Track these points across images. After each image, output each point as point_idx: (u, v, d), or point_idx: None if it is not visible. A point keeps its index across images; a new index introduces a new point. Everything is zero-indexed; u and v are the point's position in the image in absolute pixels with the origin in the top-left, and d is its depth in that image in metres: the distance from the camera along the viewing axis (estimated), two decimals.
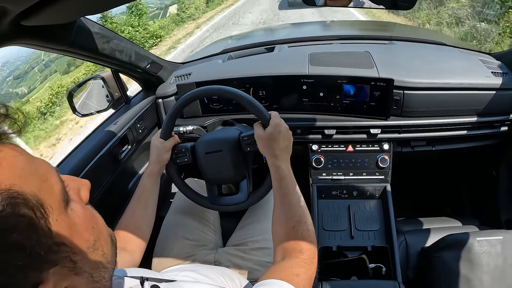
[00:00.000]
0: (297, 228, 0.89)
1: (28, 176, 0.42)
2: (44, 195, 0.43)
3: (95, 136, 1.43)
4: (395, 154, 1.58)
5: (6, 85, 27.10)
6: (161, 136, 1.20)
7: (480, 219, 1.67)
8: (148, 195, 1.15)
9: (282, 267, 0.81)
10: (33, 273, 0.41)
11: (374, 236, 1.45)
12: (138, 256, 1.05)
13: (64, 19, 1.00)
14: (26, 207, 0.40)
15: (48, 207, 0.43)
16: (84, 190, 0.56)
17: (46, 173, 0.46)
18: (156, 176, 1.18)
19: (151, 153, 1.19)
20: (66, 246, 0.45)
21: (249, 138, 1.14)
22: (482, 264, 1.20)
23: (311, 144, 1.60)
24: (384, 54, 1.67)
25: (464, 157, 1.89)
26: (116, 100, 1.61)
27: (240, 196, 1.23)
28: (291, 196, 0.94)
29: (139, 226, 1.09)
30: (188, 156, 1.22)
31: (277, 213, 0.94)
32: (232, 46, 2.06)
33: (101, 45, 1.25)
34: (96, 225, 0.53)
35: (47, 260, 0.42)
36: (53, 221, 0.43)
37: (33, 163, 0.45)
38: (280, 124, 1.03)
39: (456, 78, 1.43)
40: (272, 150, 1.00)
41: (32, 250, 0.39)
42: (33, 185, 0.42)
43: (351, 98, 1.49)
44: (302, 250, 0.85)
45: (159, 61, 1.69)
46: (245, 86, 1.57)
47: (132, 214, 1.11)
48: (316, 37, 2.05)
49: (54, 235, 0.43)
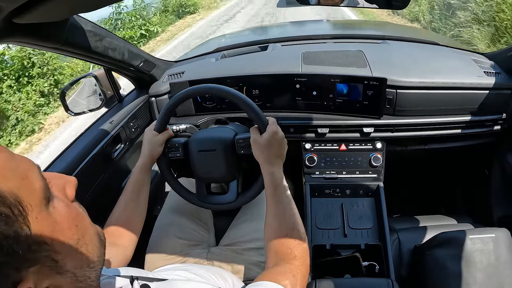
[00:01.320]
0: (290, 235, 0.90)
1: (7, 174, 0.42)
2: (23, 193, 0.42)
3: (88, 135, 1.42)
4: (388, 153, 1.58)
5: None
6: (155, 128, 1.19)
7: (473, 217, 1.68)
8: (140, 189, 1.14)
9: (275, 272, 0.82)
10: (11, 271, 0.40)
11: (367, 234, 1.45)
12: (130, 251, 1.05)
13: (56, 17, 0.99)
14: (3, 205, 0.39)
15: (27, 204, 0.42)
16: (70, 187, 0.55)
17: (26, 171, 0.45)
18: (148, 169, 1.17)
19: (144, 146, 1.19)
20: (47, 244, 0.44)
21: (244, 141, 1.14)
22: (475, 262, 1.21)
23: (304, 142, 1.60)
24: (377, 53, 1.67)
25: (457, 156, 1.90)
26: (109, 99, 1.59)
27: (229, 196, 1.22)
28: (284, 203, 0.95)
29: (131, 220, 1.09)
30: (180, 152, 1.21)
31: (270, 220, 0.95)
32: (226, 45, 2.06)
33: (94, 43, 1.24)
34: (80, 223, 0.52)
35: (26, 259, 0.41)
36: (33, 219, 0.43)
37: (13, 160, 0.44)
38: (277, 131, 1.03)
39: (449, 78, 1.44)
40: (266, 156, 1.01)
41: (9, 248, 0.39)
42: (12, 183, 0.41)
43: (344, 97, 1.49)
44: (295, 256, 0.86)
45: (152, 60, 1.68)
46: (239, 84, 1.56)
47: (124, 208, 1.10)
48: (310, 36, 2.05)
49: (33, 234, 0.42)
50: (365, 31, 2.57)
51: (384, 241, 1.40)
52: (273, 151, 1.01)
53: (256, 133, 1.04)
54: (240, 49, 1.98)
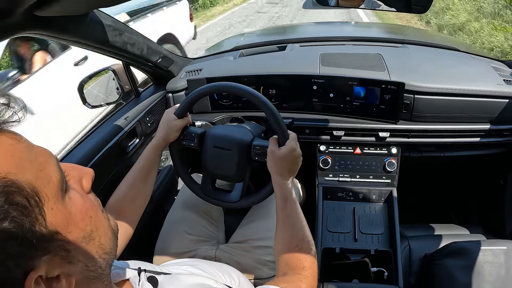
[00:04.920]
0: (300, 246, 0.90)
1: (25, 165, 0.43)
2: (40, 184, 0.43)
3: (104, 128, 1.44)
4: (403, 159, 1.57)
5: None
6: (176, 113, 1.17)
7: (485, 228, 1.65)
8: (150, 168, 1.13)
9: (284, 280, 0.84)
10: (24, 260, 0.41)
11: (378, 240, 1.44)
12: (130, 230, 1.04)
13: (77, 10, 1.01)
14: (20, 195, 0.40)
15: (43, 195, 0.43)
16: (87, 179, 0.56)
17: (45, 162, 0.46)
18: (160, 150, 1.16)
19: (161, 127, 1.17)
20: (61, 234, 0.45)
21: (261, 149, 1.13)
22: (484, 274, 1.19)
23: (319, 144, 1.60)
24: (396, 57, 1.66)
25: (472, 164, 1.87)
26: (126, 93, 1.61)
27: (233, 195, 1.22)
28: (294, 216, 0.96)
29: (136, 198, 1.09)
30: (195, 142, 1.20)
31: (280, 231, 0.95)
32: (244, 44, 2.06)
33: (113, 38, 1.25)
34: (94, 215, 0.53)
35: (40, 248, 0.42)
36: (48, 209, 0.44)
37: (32, 151, 0.45)
38: (296, 148, 1.02)
39: (467, 84, 1.42)
40: (280, 169, 1.00)
41: (24, 238, 0.40)
42: (30, 174, 0.42)
43: (361, 100, 1.49)
44: (304, 267, 0.87)
45: (170, 56, 1.69)
46: (256, 84, 1.57)
47: (131, 184, 1.09)
48: (329, 38, 2.04)
49: (48, 224, 0.43)
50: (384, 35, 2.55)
51: (394, 248, 1.39)
52: (287, 166, 1.00)
53: (274, 145, 1.04)
54: (258, 48, 1.98)
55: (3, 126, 0.43)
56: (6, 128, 0.44)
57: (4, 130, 0.43)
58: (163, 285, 0.72)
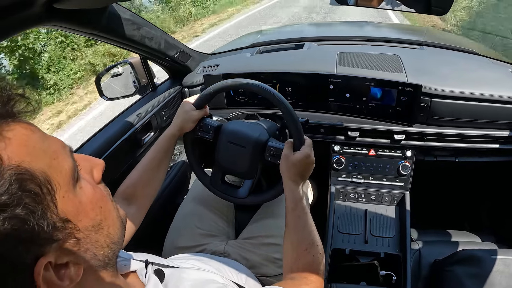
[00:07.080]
0: (309, 250, 0.90)
1: (39, 154, 0.44)
2: (53, 172, 0.45)
3: (120, 120, 1.45)
4: (417, 162, 1.55)
5: None
6: (195, 103, 1.17)
7: (497, 237, 1.62)
8: (163, 156, 1.13)
9: (292, 283, 0.85)
10: (35, 246, 0.42)
11: (388, 243, 1.43)
12: (139, 219, 1.04)
13: (95, 3, 1.02)
14: (33, 183, 0.41)
15: (56, 183, 0.45)
16: (97, 170, 0.57)
17: (57, 151, 0.47)
18: (175, 139, 1.16)
19: (178, 116, 1.17)
20: (71, 223, 0.46)
21: (276, 151, 1.13)
22: (494, 283, 1.17)
23: (333, 144, 1.59)
24: (414, 59, 1.64)
25: (486, 171, 1.84)
26: (143, 86, 1.63)
27: (241, 191, 1.22)
28: (304, 219, 0.96)
29: (147, 185, 1.08)
30: (210, 134, 1.20)
31: (290, 234, 0.95)
32: (261, 41, 2.06)
33: (131, 32, 1.26)
34: (104, 206, 0.54)
35: (50, 235, 0.43)
36: (60, 197, 0.45)
37: (46, 141, 0.46)
38: (310, 155, 1.02)
39: (486, 89, 1.40)
40: (292, 174, 1.00)
41: (35, 224, 0.41)
42: (43, 162, 0.44)
43: (377, 101, 1.47)
44: (312, 271, 0.87)
45: (187, 51, 1.70)
46: (272, 81, 1.56)
47: (143, 172, 1.09)
48: (347, 37, 2.03)
49: (59, 211, 0.45)
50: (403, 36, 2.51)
51: (404, 252, 1.38)
52: (300, 171, 1.00)
53: (289, 149, 1.03)
54: (276, 46, 1.97)
55: (18, 117, 0.45)
56: (21, 119, 0.45)
57: (19, 120, 0.44)
58: (169, 278, 0.73)
